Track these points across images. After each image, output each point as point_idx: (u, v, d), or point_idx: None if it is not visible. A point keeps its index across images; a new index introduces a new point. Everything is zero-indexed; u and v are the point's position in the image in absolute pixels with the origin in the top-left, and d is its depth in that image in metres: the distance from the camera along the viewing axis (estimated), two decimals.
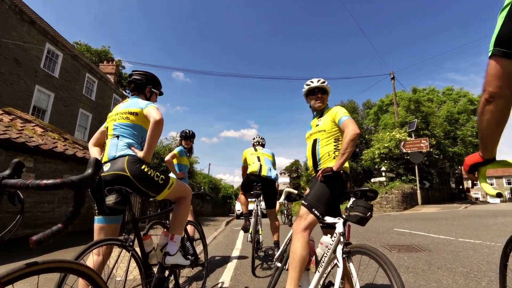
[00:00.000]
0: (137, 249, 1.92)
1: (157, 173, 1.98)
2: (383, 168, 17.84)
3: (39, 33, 14.56)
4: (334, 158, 2.13)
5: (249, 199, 5.16)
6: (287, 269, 1.99)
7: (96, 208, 1.93)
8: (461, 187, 32.48)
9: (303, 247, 1.90)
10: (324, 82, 2.39)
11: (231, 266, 4.01)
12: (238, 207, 17.28)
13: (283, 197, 2.38)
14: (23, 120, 7.01)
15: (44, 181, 0.84)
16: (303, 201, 2.10)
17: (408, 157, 16.82)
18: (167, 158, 3.89)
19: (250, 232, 4.16)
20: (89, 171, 0.94)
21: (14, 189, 0.88)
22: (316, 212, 1.97)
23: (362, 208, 1.69)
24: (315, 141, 2.28)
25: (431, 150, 17.99)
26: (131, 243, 1.81)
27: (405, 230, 6.67)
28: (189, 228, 3.70)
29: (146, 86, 2.34)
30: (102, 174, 1.88)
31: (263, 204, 4.44)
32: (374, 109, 29.02)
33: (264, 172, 4.19)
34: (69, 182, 0.85)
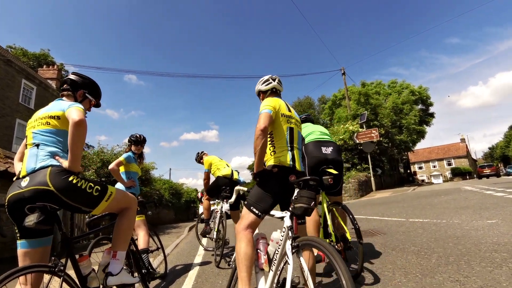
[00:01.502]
0: (73, 273, 1.70)
1: (90, 183, 1.76)
2: None
3: None
4: (270, 154, 2.08)
5: (211, 202, 5.13)
6: None
7: (17, 231, 1.67)
8: (409, 171, 35.52)
9: (246, 244, 1.86)
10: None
11: (192, 274, 3.84)
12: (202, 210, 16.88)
13: (234, 196, 2.31)
14: None
15: None
16: (244, 202, 2.07)
17: (361, 147, 17.88)
18: (111, 166, 3.57)
19: (215, 230, 4.42)
20: None
21: None
22: (255, 210, 1.94)
23: (305, 199, 1.66)
24: None
25: (381, 139, 19.34)
26: (61, 267, 1.59)
27: (362, 216, 7.02)
28: (143, 239, 3.48)
29: (80, 88, 2.07)
30: (20, 191, 1.62)
31: (226, 205, 4.52)
32: (328, 103, 30.41)
33: (236, 176, 4.63)
34: None
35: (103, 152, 10.55)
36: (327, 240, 2.88)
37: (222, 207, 4.54)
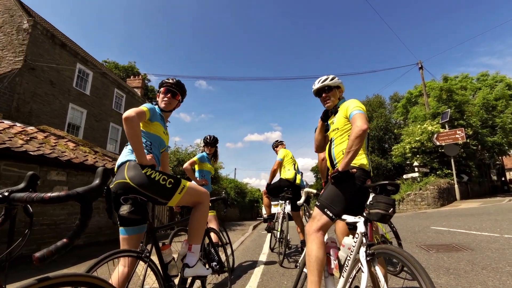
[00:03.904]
0: (156, 260, 1.87)
1: (164, 176, 1.88)
2: (416, 163, 16.91)
3: (70, 54, 15.55)
4: None
5: (272, 202, 5.25)
6: None
7: (118, 218, 1.91)
8: (503, 179, 30.03)
9: (318, 247, 1.81)
10: (325, 81, 2.27)
11: (258, 271, 3.94)
12: (265, 210, 17.21)
13: (303, 198, 2.29)
14: (56, 137, 7.46)
15: (48, 194, 0.83)
16: (316, 202, 2.01)
17: (443, 150, 15.83)
18: (185, 165, 3.96)
19: (277, 230, 4.60)
20: (96, 181, 0.91)
21: (21, 203, 0.87)
22: (328, 212, 1.88)
23: (383, 205, 1.55)
24: (330, 141, 2.21)
25: (468, 141, 16.81)
26: (147, 254, 1.77)
27: (443, 228, 6.24)
28: (213, 234, 3.71)
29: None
30: (111, 185, 1.85)
31: (289, 207, 4.64)
32: (402, 101, 27.78)
33: (298, 181, 4.73)
34: (74, 195, 0.83)
35: (178, 151, 11.63)
36: None
37: (284, 208, 4.61)
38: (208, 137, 4.29)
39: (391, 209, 1.54)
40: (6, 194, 0.86)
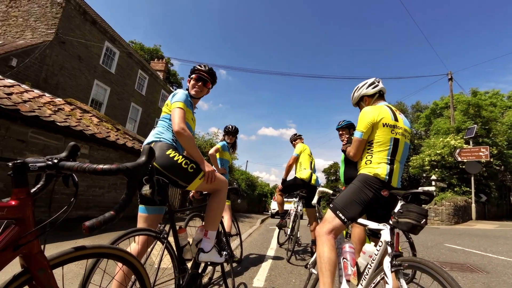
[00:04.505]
0: (173, 242, 1.91)
1: (187, 160, 1.90)
2: (433, 177, 16.41)
3: (99, 32, 15.87)
4: (365, 163, 1.99)
5: (285, 199, 5.20)
6: None
7: (139, 196, 1.94)
8: None
9: (330, 249, 1.77)
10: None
11: (266, 266, 3.95)
12: (274, 206, 17.25)
13: (316, 197, 2.26)
14: (82, 111, 7.67)
15: (101, 166, 0.84)
16: (330, 204, 1.97)
17: (464, 167, 15.27)
18: (210, 151, 3.96)
19: (288, 227, 4.61)
20: (143, 158, 0.91)
21: (70, 172, 0.89)
22: (341, 215, 1.83)
23: (415, 214, 1.47)
24: None
25: (491, 160, 16.13)
26: (165, 235, 1.79)
27: (457, 247, 6.05)
28: (227, 223, 3.73)
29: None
30: None
31: (301, 205, 4.64)
32: (426, 112, 26.94)
33: (313, 181, 4.54)
34: (124, 169, 0.84)
35: (196, 138, 11.78)
36: None
37: (297, 206, 4.57)
38: (230, 127, 4.29)
39: (423, 220, 1.46)
40: (55, 161, 0.88)
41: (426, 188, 16.99)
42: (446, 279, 1.14)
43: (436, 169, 16.60)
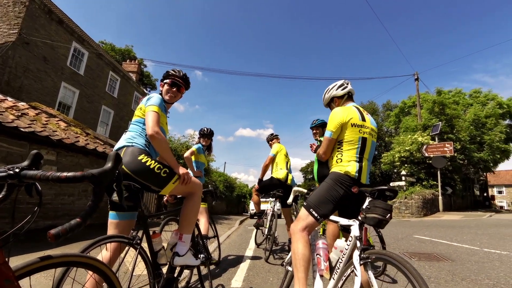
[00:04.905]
0: (147, 248, 1.87)
1: (160, 165, 1.88)
2: (403, 172, 17.27)
3: (66, 32, 15.15)
4: (336, 162, 2.07)
5: (262, 199, 5.25)
6: None
7: (109, 202, 1.89)
8: (485, 194, 31.05)
9: (304, 246, 1.83)
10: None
11: (244, 266, 3.98)
12: (253, 206, 17.34)
13: (292, 196, 2.33)
14: (48, 115, 7.29)
15: (64, 174, 0.82)
16: (304, 202, 2.04)
17: (430, 162, 16.20)
18: (186, 154, 3.93)
19: (265, 226, 4.59)
20: (109, 164, 0.90)
21: (33, 181, 0.86)
22: (314, 213, 1.90)
23: (380, 210, 1.56)
24: None
25: (455, 154, 17.25)
26: (138, 241, 1.76)
27: (425, 238, 6.41)
28: (204, 226, 3.72)
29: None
30: None
31: (278, 205, 4.67)
32: (395, 111, 28.21)
33: (289, 181, 4.58)
34: (89, 176, 0.82)
35: (171, 140, 11.54)
36: None
37: (274, 206, 4.63)
38: (205, 129, 4.28)
39: (388, 214, 1.55)
40: (17, 170, 0.85)
41: (392, 184, 17.84)
42: (408, 269, 1.22)
43: (406, 165, 17.46)
